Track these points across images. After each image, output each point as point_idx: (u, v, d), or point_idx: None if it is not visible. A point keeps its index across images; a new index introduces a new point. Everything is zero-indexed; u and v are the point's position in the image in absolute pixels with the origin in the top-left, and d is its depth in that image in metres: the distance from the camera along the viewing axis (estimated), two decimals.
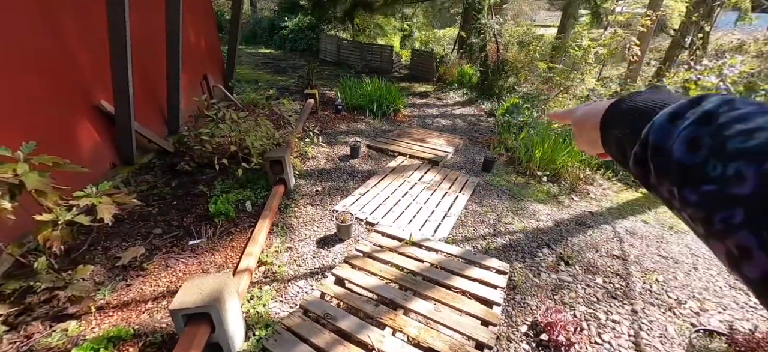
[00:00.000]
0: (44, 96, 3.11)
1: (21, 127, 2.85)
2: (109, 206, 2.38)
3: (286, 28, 15.13)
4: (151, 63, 4.60)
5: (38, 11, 3.06)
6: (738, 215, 0.25)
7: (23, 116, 2.90)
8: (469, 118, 7.88)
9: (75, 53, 3.44)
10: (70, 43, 3.39)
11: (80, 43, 3.50)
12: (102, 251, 2.79)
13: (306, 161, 4.71)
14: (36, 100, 3.03)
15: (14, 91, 2.83)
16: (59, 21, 3.27)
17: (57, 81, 3.23)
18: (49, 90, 3.15)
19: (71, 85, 3.40)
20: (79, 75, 3.50)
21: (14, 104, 2.82)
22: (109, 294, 2.39)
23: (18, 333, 2.04)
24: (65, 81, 3.33)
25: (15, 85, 2.84)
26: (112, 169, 3.88)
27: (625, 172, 5.52)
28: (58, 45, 3.26)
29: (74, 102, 3.45)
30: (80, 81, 3.51)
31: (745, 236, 0.24)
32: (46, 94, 3.13)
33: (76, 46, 3.46)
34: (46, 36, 3.14)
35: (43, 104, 3.09)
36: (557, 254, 3.18)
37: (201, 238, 3.01)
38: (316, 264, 2.87)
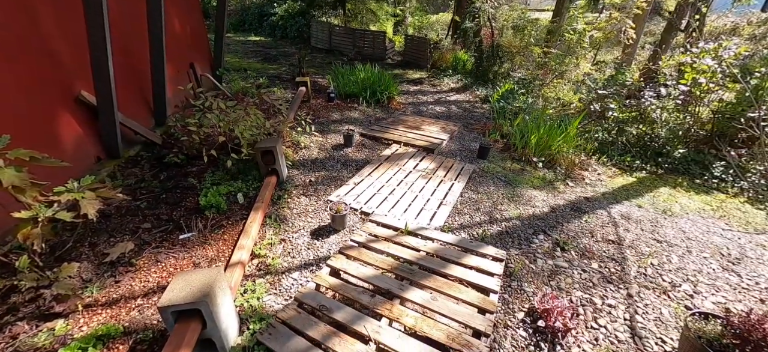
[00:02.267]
0: (21, 87, 2.96)
1: None
2: (92, 201, 2.30)
3: (276, 14, 14.76)
4: (135, 52, 4.42)
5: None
6: None
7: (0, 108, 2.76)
8: (464, 105, 7.80)
9: (51, 41, 3.28)
10: (45, 31, 3.22)
11: (57, 31, 3.33)
12: (89, 247, 2.71)
13: (298, 151, 4.62)
14: (12, 91, 2.88)
15: None
16: (33, 7, 3.10)
17: (32, 71, 3.08)
18: (25, 81, 3.00)
19: (49, 75, 3.25)
20: (57, 64, 3.34)
21: None
22: (98, 291, 2.32)
23: (2, 334, 1.97)
24: (43, 71, 3.17)
25: None
26: (97, 164, 3.75)
27: (619, 157, 5.53)
28: (33, 32, 3.10)
29: (53, 94, 3.30)
30: (58, 71, 3.35)
31: None
32: (23, 85, 2.98)
33: (53, 34, 3.29)
34: (20, 22, 2.98)
35: (20, 96, 2.94)
36: (553, 239, 3.17)
37: (191, 231, 2.94)
38: (310, 255, 2.82)
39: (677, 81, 5.98)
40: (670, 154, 5.38)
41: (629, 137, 5.94)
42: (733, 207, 4.09)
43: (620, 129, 6.06)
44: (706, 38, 7.38)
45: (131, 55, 4.39)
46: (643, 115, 6.05)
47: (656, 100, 6.03)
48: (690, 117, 5.75)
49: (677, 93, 5.74)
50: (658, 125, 5.80)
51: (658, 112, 5.86)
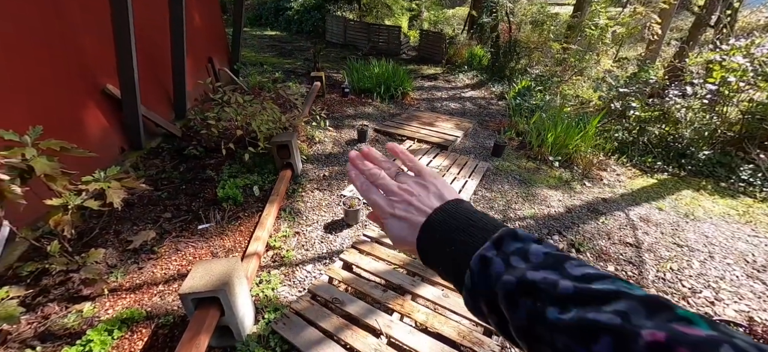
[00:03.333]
0: (51, 80, 3.10)
1: (28, 110, 2.86)
2: (118, 191, 2.39)
3: (292, 9, 14.86)
4: (156, 47, 4.55)
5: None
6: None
7: (32, 100, 2.90)
8: (479, 102, 7.70)
9: (79, 36, 3.41)
10: (74, 26, 3.36)
11: (84, 26, 3.46)
12: (114, 234, 2.83)
13: (313, 146, 4.67)
14: (44, 84, 3.02)
15: (22, 74, 2.83)
16: (62, 4, 3.22)
17: (62, 64, 3.22)
18: (55, 74, 3.14)
19: (76, 68, 3.38)
20: (84, 58, 3.48)
21: (22, 88, 2.82)
22: (122, 277, 2.43)
23: (35, 314, 2.09)
24: (70, 64, 3.31)
25: (22, 68, 2.83)
26: (121, 154, 3.90)
27: (640, 157, 5.37)
28: (63, 28, 3.23)
29: (81, 86, 3.44)
30: (85, 64, 3.49)
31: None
32: (53, 78, 3.12)
33: (80, 29, 3.43)
34: (51, 18, 3.11)
35: (50, 88, 3.09)
36: (568, 240, 3.12)
37: (210, 222, 3.03)
38: (323, 249, 2.87)
39: (704, 80, 5.74)
40: (694, 155, 5.18)
41: (651, 137, 5.75)
42: (760, 212, 3.92)
43: (642, 129, 5.88)
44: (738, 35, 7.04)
45: (153, 50, 4.52)
46: (667, 115, 5.84)
47: (681, 99, 5.80)
48: (717, 117, 5.51)
49: (704, 92, 5.50)
50: (682, 125, 5.59)
51: (682, 112, 5.64)
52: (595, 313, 0.27)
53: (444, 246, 0.38)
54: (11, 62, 2.75)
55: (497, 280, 0.32)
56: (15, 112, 2.74)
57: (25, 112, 2.84)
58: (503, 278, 0.32)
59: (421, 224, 0.40)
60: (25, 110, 2.84)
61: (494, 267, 0.33)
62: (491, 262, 0.34)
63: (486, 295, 0.33)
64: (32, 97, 2.92)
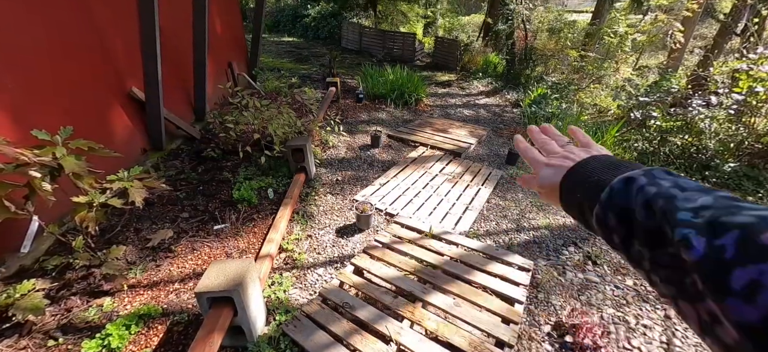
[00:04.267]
0: (82, 82, 3.25)
1: (61, 111, 3.00)
2: (140, 190, 2.48)
3: (309, 16, 15.16)
4: (179, 52, 4.71)
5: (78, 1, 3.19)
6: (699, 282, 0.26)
7: (64, 101, 3.05)
8: (493, 109, 7.63)
9: (109, 41, 3.57)
10: (104, 31, 3.52)
11: (114, 31, 3.62)
12: (133, 232, 2.92)
13: (327, 150, 4.73)
14: (75, 86, 3.18)
15: (56, 76, 2.98)
16: (93, 9, 3.39)
17: (93, 68, 3.37)
18: (85, 76, 3.29)
19: (106, 72, 3.54)
20: (113, 62, 3.64)
21: (55, 89, 2.98)
22: (140, 274, 2.50)
23: (59, 306, 2.18)
24: (100, 68, 3.47)
25: (56, 71, 2.99)
26: (143, 155, 4.04)
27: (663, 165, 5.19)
28: (94, 33, 3.39)
29: (109, 89, 3.60)
30: (114, 68, 3.65)
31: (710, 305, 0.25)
32: (84, 80, 3.27)
33: (110, 34, 3.59)
34: (83, 24, 3.27)
35: (81, 90, 3.24)
36: (584, 252, 3.04)
37: (225, 223, 3.09)
38: (335, 253, 2.89)
39: (730, 89, 5.53)
40: (718, 167, 4.98)
41: (673, 148, 5.57)
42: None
43: (663, 139, 5.70)
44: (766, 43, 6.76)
45: (176, 55, 4.68)
46: (690, 125, 5.65)
47: (705, 109, 5.60)
48: (744, 128, 5.29)
49: (730, 102, 5.30)
50: (706, 136, 5.39)
51: (706, 122, 5.44)
52: (729, 216, 0.26)
53: (587, 179, 0.42)
54: (49, 66, 2.91)
55: (639, 191, 0.34)
56: (51, 113, 2.89)
57: (61, 112, 2.99)
58: (646, 189, 0.34)
59: (571, 165, 0.46)
60: (61, 111, 2.99)
61: (637, 183, 0.35)
62: (636, 180, 0.35)
63: (620, 208, 0.35)
64: (66, 99, 3.08)
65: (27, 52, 2.73)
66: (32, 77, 2.77)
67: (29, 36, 2.74)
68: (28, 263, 2.51)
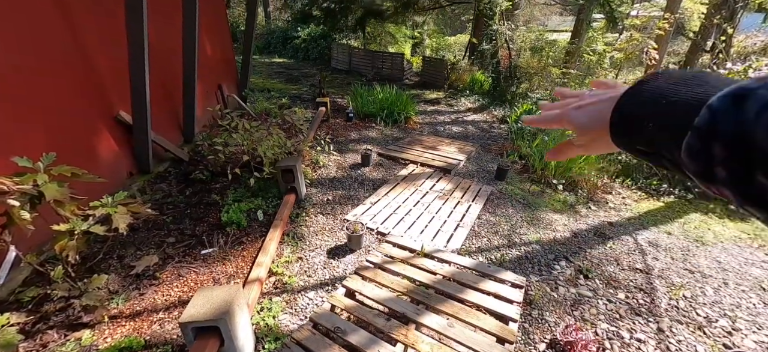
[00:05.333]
0: (67, 107, 3.20)
1: (45, 137, 2.94)
2: (124, 216, 2.41)
3: (299, 38, 15.39)
4: (168, 73, 4.70)
5: (63, 23, 3.17)
6: None
7: (48, 126, 2.99)
8: (481, 125, 7.78)
9: (96, 65, 3.55)
10: (91, 56, 3.50)
11: (101, 55, 3.60)
12: (117, 259, 2.83)
13: (317, 170, 4.71)
14: (60, 111, 3.12)
15: (40, 102, 2.93)
16: (80, 33, 3.37)
17: (79, 93, 3.33)
18: (71, 101, 3.25)
19: (92, 96, 3.50)
20: (100, 86, 3.60)
21: (40, 115, 2.92)
22: (123, 303, 2.41)
23: (34, 341, 2.06)
24: (86, 93, 3.43)
25: (41, 96, 2.94)
26: (129, 178, 3.95)
27: (645, 180, 5.33)
28: (80, 57, 3.37)
29: (95, 113, 3.55)
30: (101, 92, 3.61)
31: None
32: (69, 105, 3.22)
33: (98, 58, 3.57)
34: (71, 48, 3.25)
35: (66, 115, 3.18)
36: (576, 266, 3.06)
37: (213, 247, 3.02)
38: (326, 275, 2.83)
39: None
40: None
41: None
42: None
43: None
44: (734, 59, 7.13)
45: (165, 76, 4.67)
46: None
47: None
48: None
49: None
50: None
51: None
52: None
53: (658, 101, 0.33)
54: (32, 91, 2.86)
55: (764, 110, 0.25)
56: (34, 138, 2.83)
57: (44, 138, 2.92)
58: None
59: (621, 94, 0.37)
60: (43, 136, 2.93)
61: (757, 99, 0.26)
62: (752, 95, 0.26)
63: (732, 134, 0.26)
64: (51, 124, 3.02)
65: (10, 76, 2.69)
66: (15, 103, 2.72)
67: (12, 61, 2.71)
68: (4, 295, 2.39)
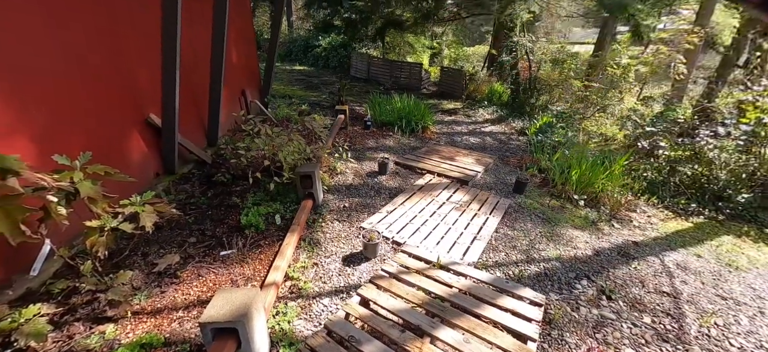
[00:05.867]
0: (105, 108, 3.38)
1: (84, 136, 3.11)
2: (150, 215, 2.51)
3: (320, 46, 15.73)
4: (196, 78, 4.88)
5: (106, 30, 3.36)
6: None
7: (87, 126, 3.16)
8: (500, 137, 7.69)
9: (133, 69, 3.74)
10: (129, 60, 3.68)
11: (138, 60, 3.79)
12: (141, 256, 2.93)
13: (334, 176, 4.76)
14: (98, 112, 3.30)
15: (81, 102, 3.10)
16: (121, 39, 3.56)
17: (116, 95, 3.51)
18: (108, 103, 3.42)
19: (127, 99, 3.68)
20: (136, 91, 3.79)
21: (80, 115, 3.09)
22: (145, 300, 2.48)
23: (61, 332, 2.15)
24: (122, 95, 3.60)
25: (82, 97, 3.11)
26: (155, 178, 4.11)
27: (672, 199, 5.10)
28: (120, 61, 3.55)
29: (129, 115, 3.72)
30: (135, 95, 3.79)
31: None
32: (107, 106, 3.40)
33: (135, 63, 3.75)
34: (111, 52, 3.44)
35: (103, 116, 3.36)
36: (598, 286, 2.95)
37: (232, 249, 3.08)
38: (341, 282, 2.84)
39: (737, 120, 5.52)
40: (731, 198, 4.89)
41: (683, 178, 5.50)
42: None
43: (672, 168, 5.64)
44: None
45: (193, 82, 4.85)
46: (699, 155, 5.60)
47: (713, 139, 5.57)
48: (755, 159, 5.22)
49: (739, 133, 5.27)
50: (716, 166, 5.33)
51: (715, 152, 5.39)
52: None
53: None
54: (76, 93, 3.04)
55: None
56: (74, 137, 2.99)
57: (83, 137, 3.09)
58: None
59: None
60: (82, 137, 3.09)
61: None
62: None
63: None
64: (90, 124, 3.19)
65: (56, 78, 2.86)
66: (59, 103, 2.89)
67: (58, 63, 2.88)
68: (35, 286, 2.51)
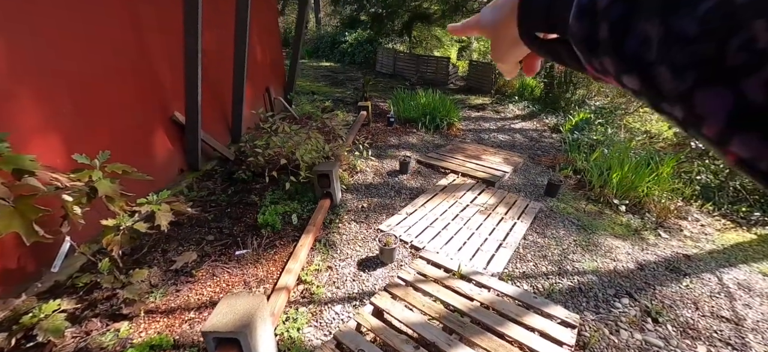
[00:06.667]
0: (130, 106, 3.47)
1: (110, 134, 3.20)
2: (166, 214, 2.50)
3: (346, 42, 15.73)
4: (220, 76, 4.95)
5: (131, 31, 3.44)
6: None
7: (112, 125, 3.26)
8: (530, 134, 7.23)
9: (158, 67, 3.82)
10: (154, 58, 3.77)
11: (162, 58, 3.87)
12: (160, 253, 2.97)
13: (354, 175, 4.65)
14: (124, 110, 3.39)
15: (108, 101, 3.20)
16: (146, 37, 3.64)
17: (141, 93, 3.60)
18: (134, 101, 3.52)
19: (152, 97, 3.77)
20: (161, 89, 3.88)
21: (106, 113, 3.19)
22: (160, 298, 2.50)
23: (80, 327, 2.20)
24: (148, 94, 3.70)
25: (109, 96, 3.21)
26: (179, 175, 4.21)
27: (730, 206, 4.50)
28: (145, 60, 3.64)
29: (154, 113, 3.82)
30: (160, 94, 3.88)
31: None
32: (133, 104, 3.49)
33: (159, 61, 3.84)
34: (136, 51, 3.52)
35: (129, 114, 3.45)
36: (642, 306, 2.61)
37: (247, 248, 3.06)
38: (355, 288, 2.72)
39: None
40: None
41: (745, 182, 4.85)
42: None
43: (732, 171, 4.99)
44: None
45: (217, 79, 4.93)
46: None
47: None
48: None
49: None
50: None
51: None
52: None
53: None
54: (103, 92, 3.13)
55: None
56: (99, 135, 3.09)
57: (108, 135, 3.19)
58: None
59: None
60: (108, 134, 3.19)
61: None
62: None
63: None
64: (115, 123, 3.29)
65: (85, 78, 2.95)
66: (86, 102, 2.98)
67: (87, 62, 2.98)
68: (62, 279, 2.60)
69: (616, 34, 0.23)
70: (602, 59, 0.25)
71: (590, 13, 0.24)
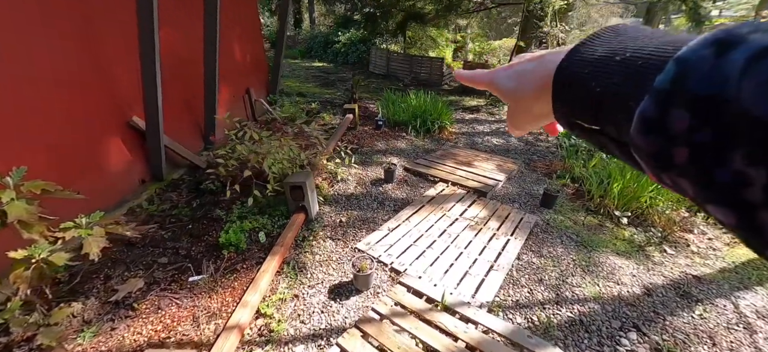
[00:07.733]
0: (76, 115, 3.09)
1: (44, 147, 2.81)
2: (98, 239, 2.13)
3: (339, 42, 15.37)
4: (191, 77, 4.58)
5: (76, 33, 3.06)
6: None
7: (50, 136, 2.87)
8: (526, 138, 6.90)
9: (111, 71, 3.44)
10: (107, 62, 3.39)
11: (118, 62, 3.49)
12: (103, 279, 2.60)
13: (334, 185, 4.29)
14: (66, 119, 3.01)
15: (44, 109, 2.81)
16: (98, 42, 3.26)
17: (89, 100, 3.22)
18: (82, 108, 3.13)
19: (104, 103, 3.38)
20: (115, 93, 3.49)
21: (43, 123, 2.80)
22: (90, 339, 2.13)
23: None
24: (98, 100, 3.31)
25: (46, 103, 2.82)
26: (140, 186, 3.83)
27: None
28: (94, 64, 3.26)
29: (106, 119, 3.43)
30: (114, 99, 3.50)
31: None
32: (78, 112, 3.11)
33: (114, 64, 3.45)
34: (85, 57, 3.14)
35: (73, 123, 3.07)
36: (652, 344, 2.27)
37: (202, 274, 2.69)
38: (322, 323, 2.36)
39: None
40: None
41: None
42: None
43: None
44: None
45: (190, 82, 4.54)
46: None
47: None
48: None
49: None
50: None
51: None
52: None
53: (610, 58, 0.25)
54: (39, 99, 2.74)
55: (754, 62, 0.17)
56: (24, 148, 2.69)
57: (44, 148, 2.80)
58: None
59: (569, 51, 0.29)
60: (44, 147, 2.80)
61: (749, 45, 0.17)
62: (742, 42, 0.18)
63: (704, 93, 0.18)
64: (54, 133, 2.89)
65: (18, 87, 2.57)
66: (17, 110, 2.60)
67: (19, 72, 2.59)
68: None
69: (700, 162, 0.19)
70: (677, 180, 0.21)
71: (660, 130, 0.20)
